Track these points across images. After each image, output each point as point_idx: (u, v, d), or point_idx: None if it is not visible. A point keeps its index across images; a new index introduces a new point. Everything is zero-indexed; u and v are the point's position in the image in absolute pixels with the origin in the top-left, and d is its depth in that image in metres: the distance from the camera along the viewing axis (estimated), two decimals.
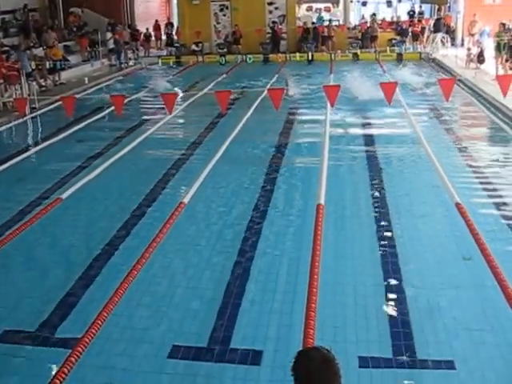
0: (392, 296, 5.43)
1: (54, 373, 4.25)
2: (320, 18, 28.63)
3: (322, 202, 7.43)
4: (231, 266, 6.08)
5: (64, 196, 8.08)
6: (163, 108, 11.21)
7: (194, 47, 26.11)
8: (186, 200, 7.75)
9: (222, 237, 6.94)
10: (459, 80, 13.82)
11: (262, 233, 6.95)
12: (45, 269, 6.28)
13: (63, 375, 4.17)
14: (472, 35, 21.45)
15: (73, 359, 4.34)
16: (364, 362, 4.47)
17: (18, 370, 4.55)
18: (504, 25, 16.98)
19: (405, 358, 4.52)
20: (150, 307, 5.38)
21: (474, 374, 4.35)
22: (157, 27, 28.59)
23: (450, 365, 4.43)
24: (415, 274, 5.86)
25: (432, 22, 24.84)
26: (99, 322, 4.84)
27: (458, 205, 7.20)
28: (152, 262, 6.06)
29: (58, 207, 7.79)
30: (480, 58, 18.12)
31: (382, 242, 6.56)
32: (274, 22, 25.81)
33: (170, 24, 28.76)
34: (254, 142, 11.28)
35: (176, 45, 26.73)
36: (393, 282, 5.68)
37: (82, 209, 8.04)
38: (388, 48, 24.21)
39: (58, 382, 4.10)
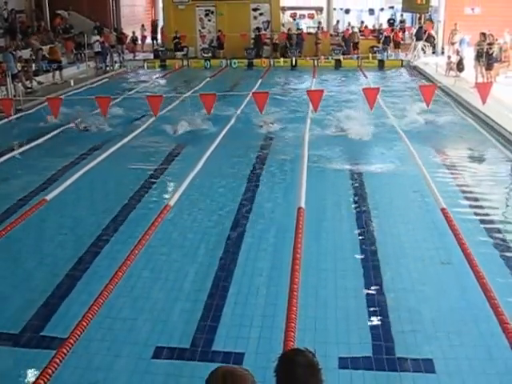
0: (372, 299, 5.53)
1: (38, 373, 4.29)
2: (297, 24, 28.89)
3: (303, 204, 7.54)
4: (214, 269, 6.15)
5: (49, 197, 8.09)
6: (148, 110, 11.26)
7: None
8: (171, 203, 7.81)
9: (206, 239, 7.00)
10: (439, 87, 14.04)
11: (245, 235, 7.02)
12: (29, 270, 6.28)
13: (47, 376, 4.20)
14: (452, 44, 21.81)
15: (57, 360, 4.37)
16: (344, 363, 4.57)
17: (1, 372, 4.57)
18: (484, 34, 17.30)
19: (384, 359, 4.62)
20: (134, 309, 5.43)
21: (452, 376, 4.46)
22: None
23: (429, 367, 4.53)
24: (396, 276, 5.98)
25: (414, 31, 25.20)
26: (84, 323, 4.87)
27: (442, 209, 7.31)
28: (136, 264, 6.10)
29: (42, 208, 7.79)
30: (459, 67, 18.43)
31: (364, 246, 6.67)
32: (258, 28, 25.99)
33: (154, 27, 29.01)
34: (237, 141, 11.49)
35: (161, 48, 26.77)
36: (373, 285, 5.78)
37: (67, 210, 8.07)
38: (370, 55, 24.55)
39: (42, 382, 4.13)
